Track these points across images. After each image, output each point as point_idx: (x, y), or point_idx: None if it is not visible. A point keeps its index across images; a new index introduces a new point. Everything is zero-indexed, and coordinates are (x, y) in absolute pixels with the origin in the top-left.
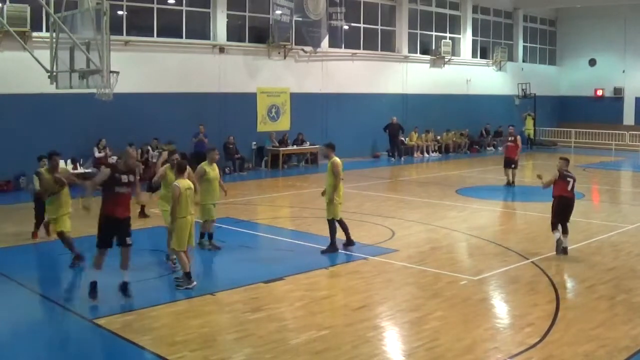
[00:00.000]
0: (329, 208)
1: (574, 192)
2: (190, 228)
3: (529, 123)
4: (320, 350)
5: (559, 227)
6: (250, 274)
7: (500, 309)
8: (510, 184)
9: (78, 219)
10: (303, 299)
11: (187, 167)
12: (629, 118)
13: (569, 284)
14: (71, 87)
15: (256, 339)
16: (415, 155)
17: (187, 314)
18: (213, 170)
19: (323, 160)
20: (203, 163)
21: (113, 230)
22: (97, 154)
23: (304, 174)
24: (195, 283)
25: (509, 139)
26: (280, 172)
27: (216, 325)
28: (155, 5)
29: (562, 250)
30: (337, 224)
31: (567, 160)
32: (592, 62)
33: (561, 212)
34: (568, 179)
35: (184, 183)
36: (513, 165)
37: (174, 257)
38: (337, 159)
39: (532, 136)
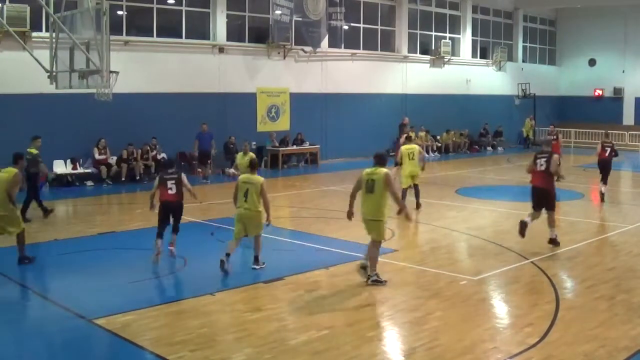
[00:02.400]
0: (380, 227)
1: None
2: (243, 220)
3: (527, 124)
4: (320, 350)
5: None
6: (250, 274)
7: (500, 308)
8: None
9: None
10: (303, 299)
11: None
12: (628, 118)
13: (569, 284)
14: (71, 87)
15: (256, 339)
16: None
17: (187, 314)
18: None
19: (323, 160)
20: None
21: None
22: (97, 156)
23: (304, 174)
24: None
25: (552, 137)
26: (280, 172)
27: (216, 325)
28: (155, 5)
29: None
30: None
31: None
32: (592, 62)
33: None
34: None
35: (243, 176)
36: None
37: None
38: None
39: (530, 136)
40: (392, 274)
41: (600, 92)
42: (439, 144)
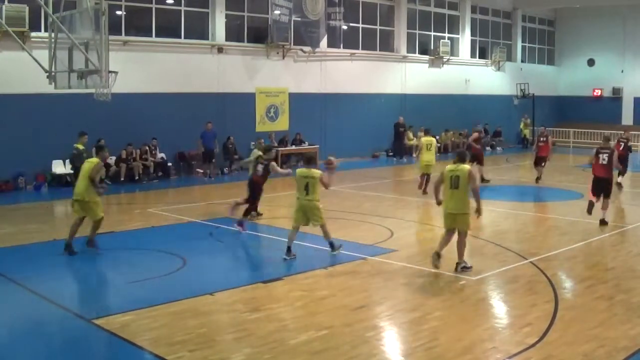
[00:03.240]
0: (465, 220)
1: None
2: (304, 210)
3: (522, 125)
4: (319, 351)
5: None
6: (249, 274)
7: (499, 308)
8: (538, 180)
9: None
10: (302, 299)
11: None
12: (627, 118)
13: (568, 284)
14: (70, 87)
15: (255, 339)
16: (413, 155)
17: (186, 314)
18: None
19: (322, 160)
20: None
21: None
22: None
23: None
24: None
25: (541, 139)
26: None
27: (215, 325)
28: (153, 5)
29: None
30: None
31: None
32: (591, 62)
33: None
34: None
35: (302, 171)
36: (543, 163)
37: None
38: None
39: (527, 136)
40: (391, 274)
41: (599, 92)
42: (438, 144)
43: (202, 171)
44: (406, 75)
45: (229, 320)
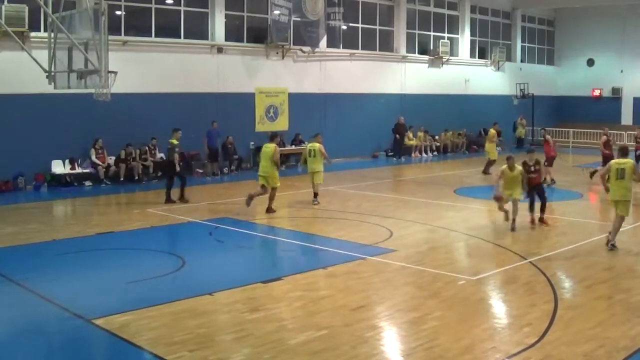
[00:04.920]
0: (627, 206)
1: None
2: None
3: (518, 125)
4: (319, 351)
5: None
6: (248, 274)
7: (499, 308)
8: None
9: None
10: (301, 299)
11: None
12: (627, 118)
13: (567, 284)
14: (69, 87)
15: (255, 339)
16: (413, 155)
17: (186, 314)
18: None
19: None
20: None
21: None
22: (93, 157)
23: (302, 174)
24: None
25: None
26: (278, 173)
27: (214, 325)
28: (153, 5)
29: None
30: None
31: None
32: (590, 62)
33: None
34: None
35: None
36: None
37: None
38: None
39: (522, 136)
40: (390, 274)
41: (598, 92)
42: (438, 144)
43: (202, 171)
44: (406, 75)
45: (228, 320)
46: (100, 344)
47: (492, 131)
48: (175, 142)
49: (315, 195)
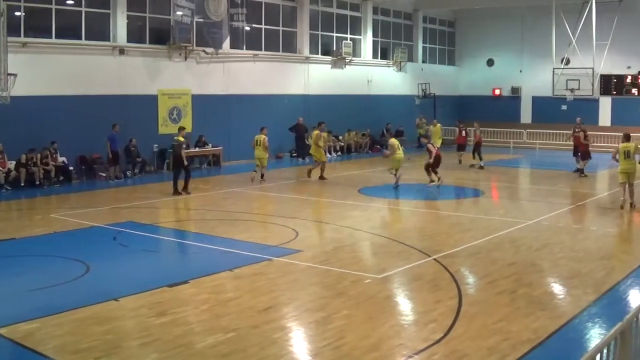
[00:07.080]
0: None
1: None
2: (628, 172)
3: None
4: (227, 353)
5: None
6: (154, 278)
7: (405, 306)
8: (578, 170)
9: None
10: (208, 302)
11: None
12: (526, 116)
13: (471, 280)
14: None
15: (162, 344)
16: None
17: (91, 321)
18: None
19: (226, 162)
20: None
21: None
22: None
23: (207, 176)
24: None
25: (576, 129)
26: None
27: (121, 331)
28: (53, 6)
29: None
30: None
31: None
32: (490, 62)
33: None
34: None
35: (623, 145)
36: (579, 154)
37: None
38: None
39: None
40: (296, 275)
41: (498, 91)
42: (342, 144)
43: (104, 175)
44: (309, 76)
45: (134, 326)
46: (3, 353)
47: (316, 133)
48: (181, 139)
49: (262, 176)
